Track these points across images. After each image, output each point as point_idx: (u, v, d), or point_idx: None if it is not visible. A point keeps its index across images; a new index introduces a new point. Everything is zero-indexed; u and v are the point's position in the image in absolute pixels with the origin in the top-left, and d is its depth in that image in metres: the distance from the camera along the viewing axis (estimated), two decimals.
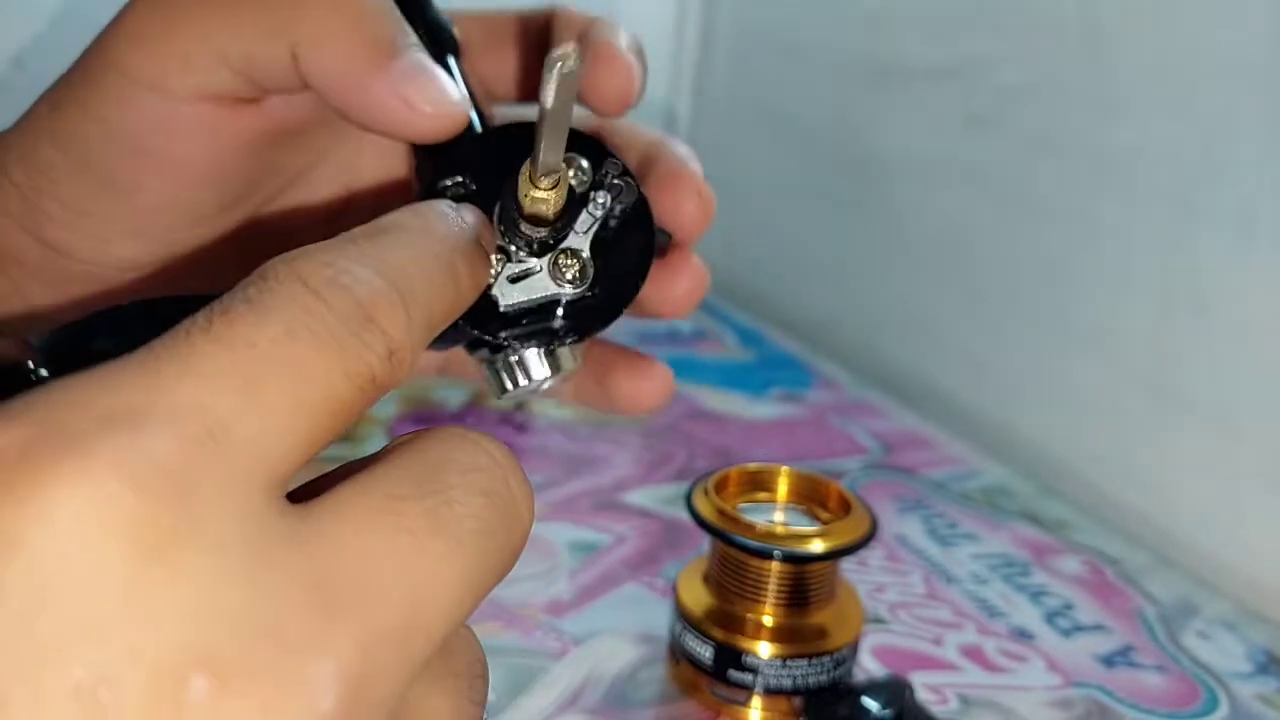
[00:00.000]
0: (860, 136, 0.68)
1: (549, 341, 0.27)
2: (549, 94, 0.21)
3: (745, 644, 0.36)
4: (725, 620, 0.36)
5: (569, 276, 0.26)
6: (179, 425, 0.16)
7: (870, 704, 0.34)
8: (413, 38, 0.28)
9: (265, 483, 0.16)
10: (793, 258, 0.76)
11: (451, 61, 0.30)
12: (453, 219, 0.22)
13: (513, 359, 0.27)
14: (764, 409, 0.60)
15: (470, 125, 0.29)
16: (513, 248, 0.26)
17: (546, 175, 0.24)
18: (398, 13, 0.28)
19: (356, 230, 0.20)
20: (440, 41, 0.30)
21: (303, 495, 0.18)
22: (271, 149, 0.30)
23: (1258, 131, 0.47)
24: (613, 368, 0.32)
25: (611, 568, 0.44)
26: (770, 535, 0.35)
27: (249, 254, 0.31)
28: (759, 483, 0.39)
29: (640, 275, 0.28)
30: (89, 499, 0.15)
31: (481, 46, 0.33)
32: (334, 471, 0.19)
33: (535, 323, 0.27)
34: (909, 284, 0.66)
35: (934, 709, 0.37)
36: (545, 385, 0.28)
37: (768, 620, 0.36)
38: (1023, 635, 0.42)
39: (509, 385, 0.28)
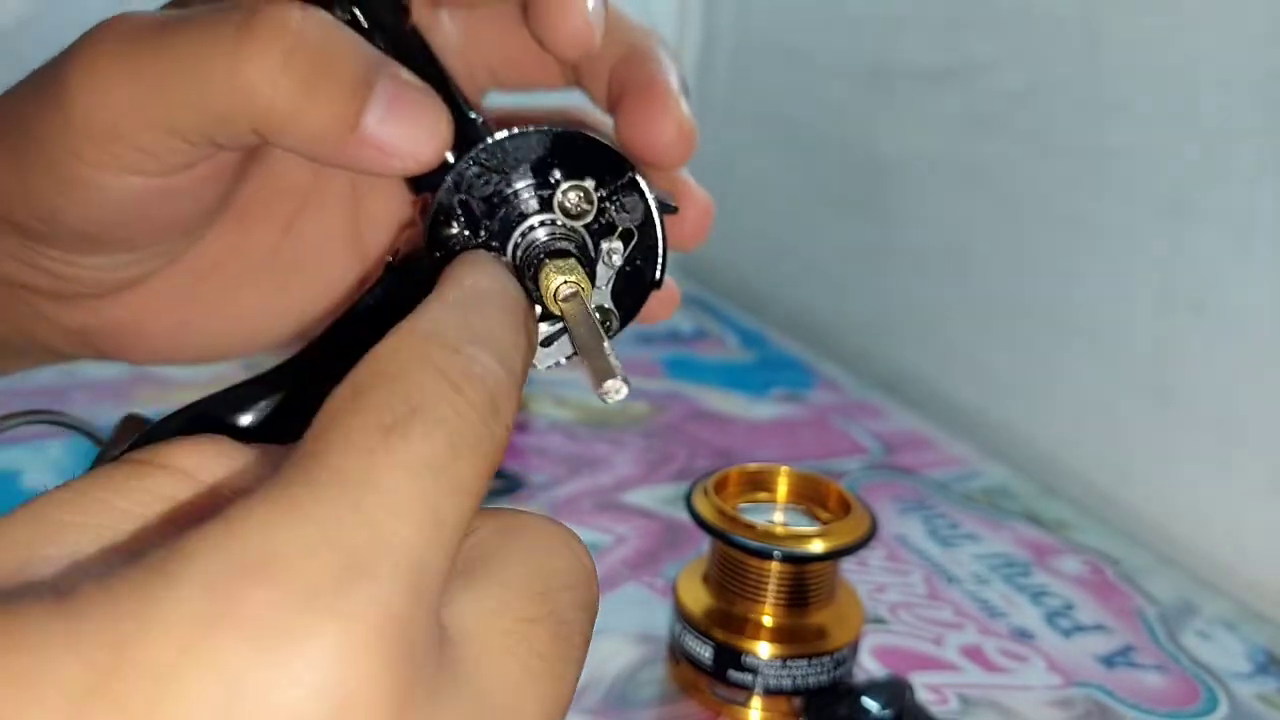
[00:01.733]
0: (861, 139, 0.68)
1: (568, 358, 0.27)
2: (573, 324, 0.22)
3: (745, 644, 0.36)
4: (725, 620, 0.36)
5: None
6: (401, 571, 0.16)
7: (870, 704, 0.34)
8: (366, 58, 0.24)
9: (437, 607, 0.17)
10: (794, 259, 0.76)
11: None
12: (509, 279, 0.22)
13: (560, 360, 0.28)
14: (765, 409, 0.60)
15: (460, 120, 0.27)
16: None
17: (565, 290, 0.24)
18: (346, 39, 0.25)
19: (454, 296, 0.20)
20: (402, 43, 0.27)
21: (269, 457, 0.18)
22: (242, 165, 0.29)
23: (1256, 133, 0.47)
24: (620, 116, 0.29)
25: (612, 568, 0.44)
26: (770, 535, 0.35)
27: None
28: (759, 483, 0.39)
29: (661, 267, 0.27)
30: (352, 661, 0.15)
31: (488, 32, 0.31)
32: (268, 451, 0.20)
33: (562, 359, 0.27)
34: (909, 285, 0.66)
35: (934, 709, 0.37)
36: (555, 367, 0.28)
37: (767, 620, 0.36)
38: (1023, 635, 0.42)
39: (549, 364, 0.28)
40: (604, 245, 0.26)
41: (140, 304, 0.30)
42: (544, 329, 0.26)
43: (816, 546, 0.35)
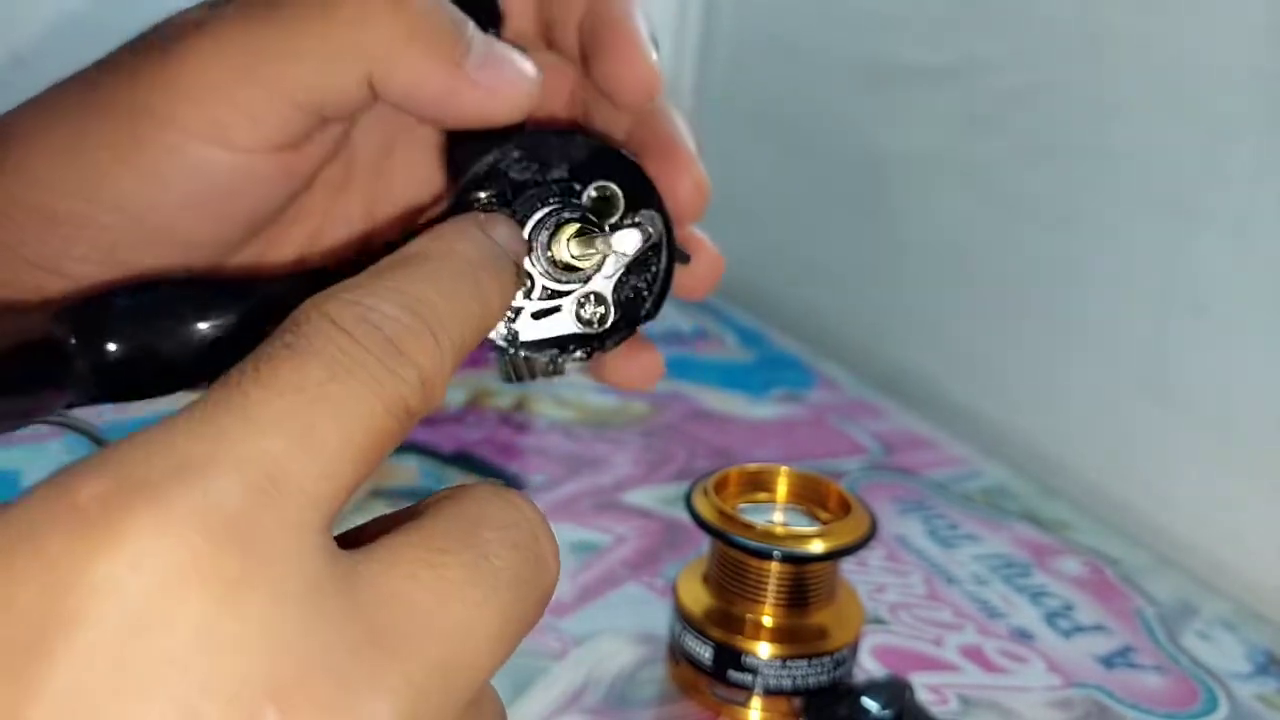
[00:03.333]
0: (861, 138, 0.68)
1: (560, 355, 0.27)
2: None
3: (745, 644, 0.36)
4: (725, 620, 0.36)
5: (590, 319, 0.27)
6: (244, 474, 0.17)
7: (870, 704, 0.34)
8: (468, 21, 0.27)
9: (321, 524, 0.18)
10: (793, 258, 0.76)
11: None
12: (478, 237, 0.23)
13: (524, 355, 0.28)
14: (764, 409, 0.60)
15: None
16: (537, 274, 0.26)
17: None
18: (448, 3, 0.27)
19: (383, 262, 0.21)
20: (483, 12, 0.29)
21: (347, 541, 0.19)
22: (311, 179, 0.29)
23: (1256, 134, 0.47)
24: None
25: (611, 568, 0.44)
26: (770, 535, 0.35)
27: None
28: (759, 483, 0.39)
29: (659, 299, 0.28)
30: (169, 546, 0.16)
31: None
32: (376, 521, 0.20)
33: (551, 341, 0.27)
34: (909, 285, 0.66)
35: (934, 709, 0.37)
36: (556, 378, 0.29)
37: (767, 621, 0.36)
38: (1023, 636, 0.42)
39: (521, 378, 0.28)
40: (620, 234, 0.27)
41: None
42: (538, 305, 0.26)
43: (816, 547, 0.35)
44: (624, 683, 0.38)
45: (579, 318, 0.27)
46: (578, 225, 0.26)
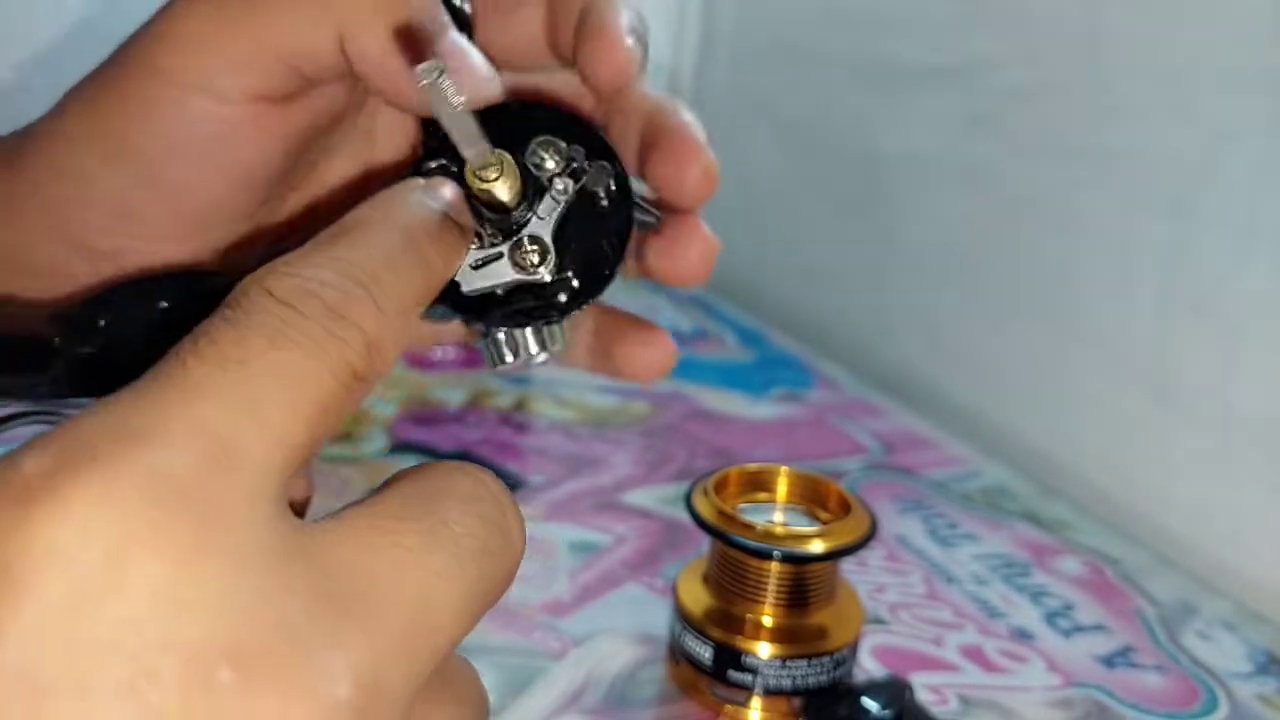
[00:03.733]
0: (861, 138, 0.68)
1: (527, 322, 0.27)
2: (433, 106, 0.23)
3: (745, 644, 0.36)
4: (725, 620, 0.36)
5: (529, 263, 0.27)
6: (191, 442, 0.17)
7: (870, 704, 0.34)
8: (445, 16, 0.28)
9: (274, 492, 0.18)
10: (793, 258, 0.76)
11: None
12: (416, 200, 0.23)
13: (501, 335, 0.28)
14: (764, 409, 0.60)
15: None
16: (486, 231, 0.26)
17: (484, 168, 0.25)
18: None
19: (322, 234, 0.21)
20: (455, 19, 0.30)
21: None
22: (306, 142, 0.30)
23: (1257, 135, 0.47)
24: (618, 335, 0.32)
25: (611, 568, 0.44)
26: (770, 535, 0.35)
27: (279, 243, 0.31)
28: (759, 483, 0.39)
29: (616, 255, 0.28)
30: (118, 514, 0.16)
31: (495, 13, 0.32)
32: (345, 506, 0.21)
33: (515, 304, 0.27)
34: (909, 284, 0.66)
35: (934, 709, 0.37)
36: (538, 360, 0.28)
37: (767, 621, 0.36)
38: (1023, 636, 0.42)
39: (500, 360, 0.28)
40: (557, 182, 0.27)
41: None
42: (476, 255, 0.26)
43: (816, 547, 0.35)
44: (624, 683, 0.38)
45: (516, 262, 0.26)
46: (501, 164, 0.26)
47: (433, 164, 0.27)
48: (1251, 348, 0.48)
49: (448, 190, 0.24)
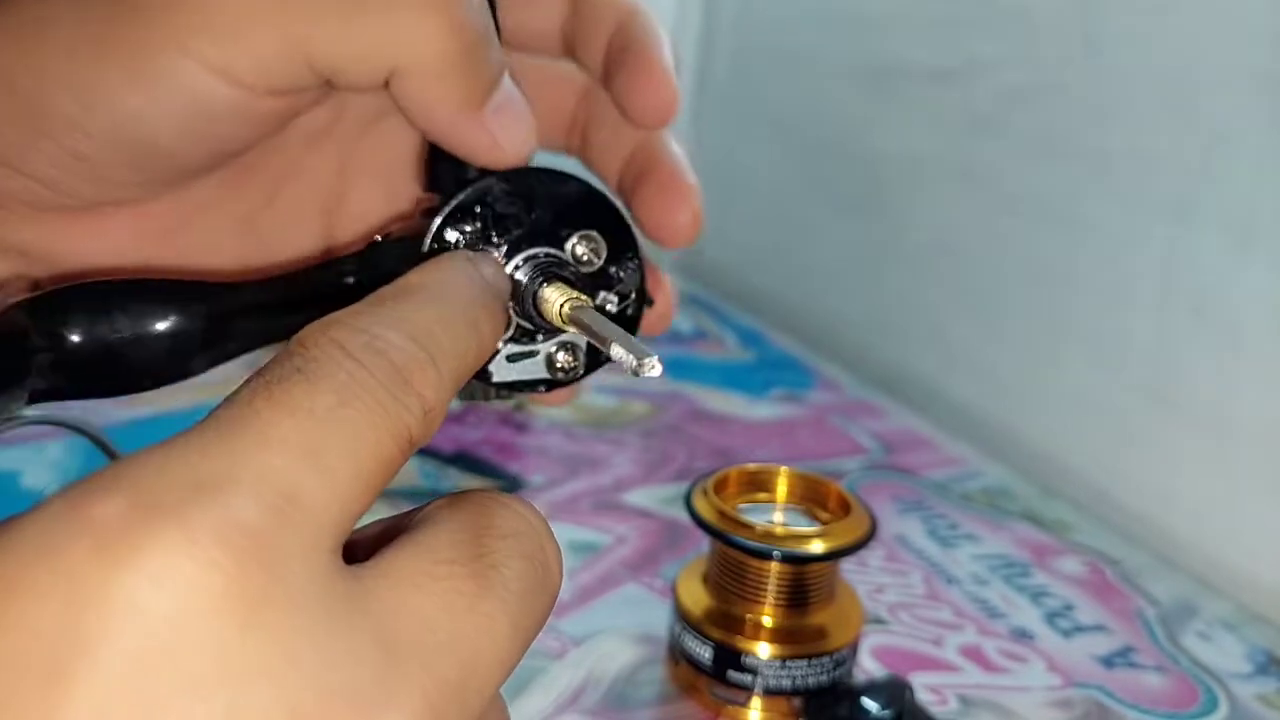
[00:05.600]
0: (861, 139, 0.68)
1: (530, 390, 0.28)
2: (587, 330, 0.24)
3: (744, 644, 0.36)
4: (725, 621, 0.36)
5: (563, 368, 0.27)
6: (261, 492, 0.17)
7: (870, 705, 0.34)
8: (500, 51, 0.27)
9: (332, 544, 0.18)
10: (793, 259, 0.76)
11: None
12: (471, 272, 0.24)
13: (493, 395, 0.28)
14: (764, 409, 0.60)
15: None
16: (512, 314, 0.26)
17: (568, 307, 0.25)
18: (493, 27, 0.27)
19: (384, 291, 0.22)
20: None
21: (350, 549, 0.19)
22: (286, 124, 0.29)
23: (1257, 135, 0.47)
24: (641, 198, 0.31)
25: (611, 568, 0.44)
26: (769, 536, 0.35)
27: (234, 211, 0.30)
28: (758, 483, 0.39)
29: (636, 321, 0.29)
30: (192, 564, 0.16)
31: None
32: (377, 526, 0.21)
33: (521, 385, 0.28)
34: (909, 285, 0.66)
35: (934, 709, 0.37)
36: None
37: (767, 621, 0.36)
38: (1023, 636, 0.42)
39: (469, 398, 0.29)
40: (601, 294, 0.27)
41: (99, 229, 0.28)
42: (513, 348, 0.27)
43: (816, 547, 0.35)
44: (623, 683, 0.38)
45: (551, 366, 0.27)
46: (566, 285, 0.26)
47: (466, 228, 0.26)
48: (1251, 348, 0.48)
49: (492, 267, 0.25)
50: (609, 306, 0.27)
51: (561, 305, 0.25)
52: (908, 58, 0.64)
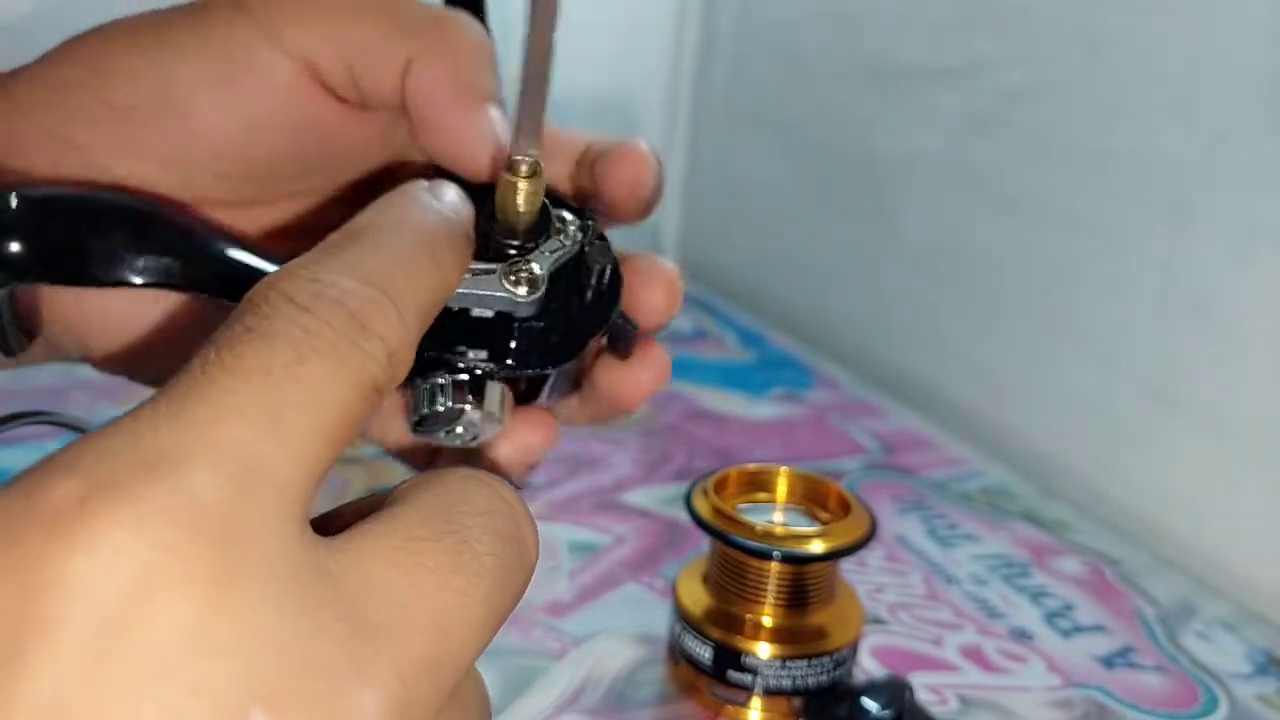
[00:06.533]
0: (860, 138, 0.68)
1: (470, 373, 0.26)
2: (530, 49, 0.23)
3: (744, 644, 0.36)
4: (724, 621, 0.36)
5: (520, 284, 0.26)
6: (219, 465, 0.16)
7: (870, 704, 0.34)
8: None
9: (300, 514, 0.17)
10: (793, 258, 0.76)
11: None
12: (426, 201, 0.23)
13: (439, 381, 0.26)
14: (764, 409, 0.60)
15: None
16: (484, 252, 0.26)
17: (526, 160, 0.25)
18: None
19: (333, 237, 0.21)
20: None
21: (323, 525, 0.19)
22: (329, 145, 0.30)
23: (1258, 136, 0.47)
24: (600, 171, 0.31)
25: (611, 568, 0.44)
26: (769, 536, 0.35)
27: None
28: (758, 483, 0.39)
29: (586, 334, 0.27)
30: (147, 545, 0.16)
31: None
32: (353, 505, 0.20)
33: (472, 344, 0.26)
34: (909, 285, 0.66)
35: (934, 709, 0.37)
36: (466, 423, 0.27)
37: (767, 621, 0.36)
38: (1022, 636, 0.42)
39: (424, 408, 0.27)
40: (569, 227, 0.27)
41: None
42: (473, 265, 0.25)
43: (816, 547, 0.35)
44: (623, 683, 0.38)
45: (505, 281, 0.26)
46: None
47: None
48: (1251, 348, 0.48)
49: (453, 193, 0.24)
50: (571, 229, 0.27)
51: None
52: (908, 58, 0.64)
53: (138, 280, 0.26)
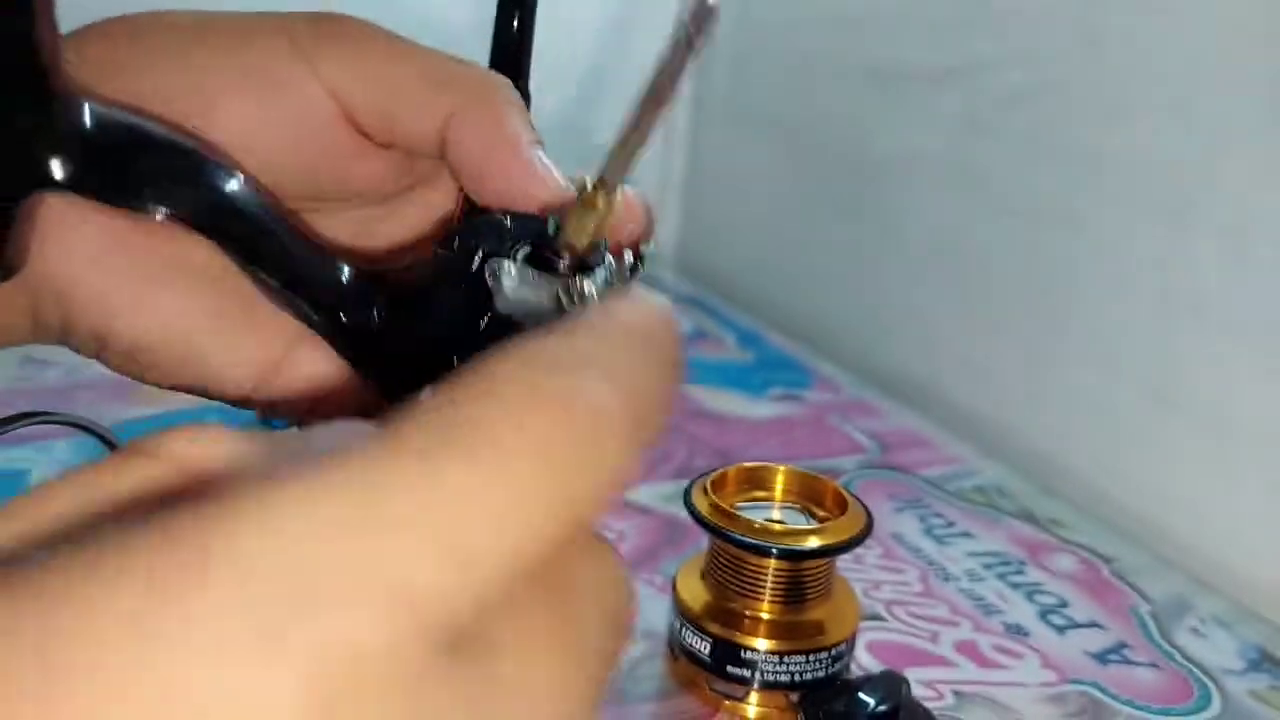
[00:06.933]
0: (859, 139, 0.69)
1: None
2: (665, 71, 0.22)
3: (743, 639, 0.36)
4: (723, 616, 0.37)
5: (574, 302, 0.26)
6: (394, 606, 0.13)
7: (866, 699, 0.35)
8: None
9: (454, 641, 0.14)
10: (792, 259, 0.76)
11: None
12: (666, 314, 0.20)
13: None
14: (763, 409, 0.60)
15: None
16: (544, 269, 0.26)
17: (611, 186, 0.24)
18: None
19: (576, 325, 0.18)
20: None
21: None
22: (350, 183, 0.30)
23: (1255, 136, 0.48)
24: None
25: None
26: (767, 533, 0.36)
27: None
28: (757, 481, 0.39)
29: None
30: (276, 688, 0.13)
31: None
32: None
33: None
34: (907, 285, 0.67)
35: (929, 704, 0.38)
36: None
37: (765, 616, 0.36)
38: (1017, 632, 0.43)
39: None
40: (621, 262, 0.27)
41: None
42: (531, 270, 0.26)
43: (813, 543, 0.36)
44: (623, 678, 0.38)
45: (561, 294, 0.26)
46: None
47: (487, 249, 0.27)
48: (1248, 348, 0.49)
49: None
50: (625, 260, 0.27)
51: (587, 180, 0.25)
52: (907, 59, 0.65)
53: (163, 211, 0.26)
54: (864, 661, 0.40)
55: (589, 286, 0.26)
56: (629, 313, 0.19)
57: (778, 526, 0.36)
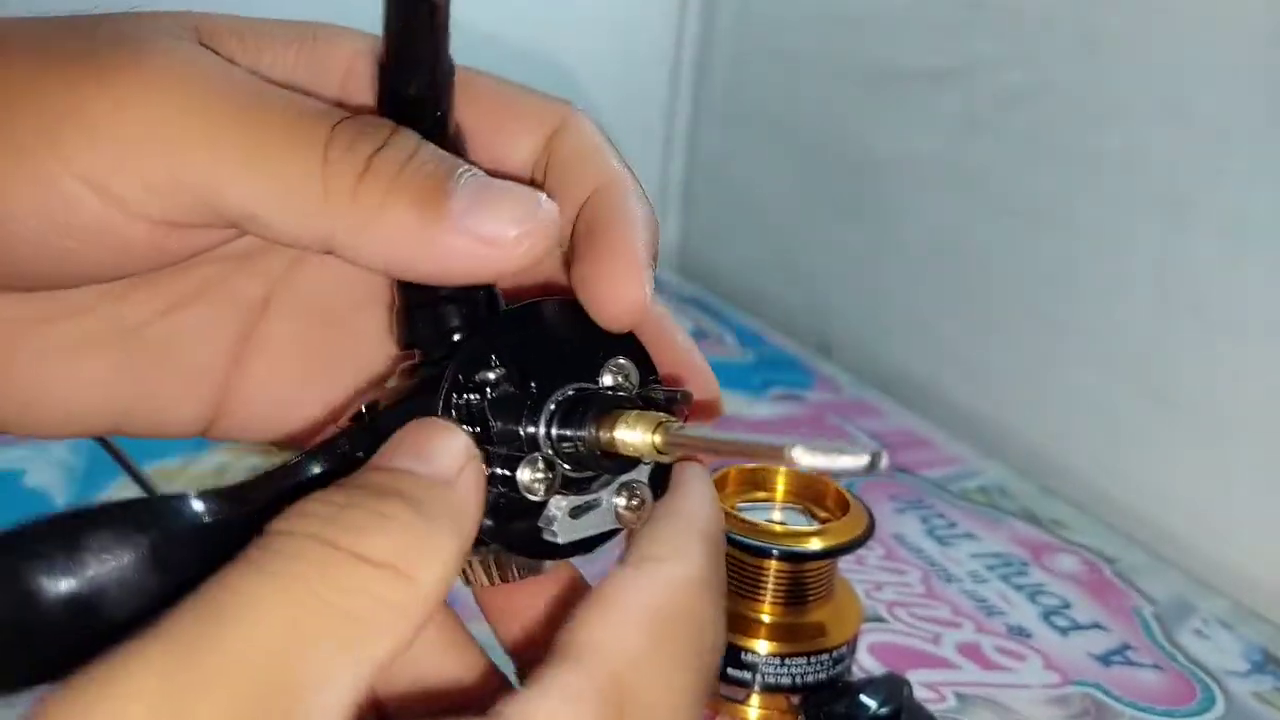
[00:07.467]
0: (858, 140, 0.69)
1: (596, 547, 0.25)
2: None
3: (744, 641, 0.36)
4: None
5: (631, 509, 0.24)
6: None
7: (868, 701, 0.35)
8: (446, 156, 0.22)
9: None
10: (792, 259, 0.76)
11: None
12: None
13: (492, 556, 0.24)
14: (763, 409, 0.60)
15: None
16: (561, 462, 0.23)
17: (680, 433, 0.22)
18: (416, 136, 0.22)
19: (651, 615, 0.22)
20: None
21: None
22: (177, 260, 0.24)
23: (1253, 136, 0.48)
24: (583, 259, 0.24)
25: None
26: (768, 534, 0.36)
27: None
28: (757, 482, 0.39)
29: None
30: None
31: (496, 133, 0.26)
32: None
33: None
34: (907, 286, 0.67)
35: (932, 707, 0.38)
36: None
37: (766, 618, 0.36)
38: (1020, 633, 0.42)
39: (484, 580, 0.25)
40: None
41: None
42: (573, 500, 0.23)
43: (814, 545, 0.35)
44: None
45: (620, 512, 0.24)
46: (637, 411, 0.22)
47: (491, 375, 0.22)
48: (1247, 347, 0.48)
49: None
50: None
51: (654, 434, 0.22)
52: (906, 59, 0.65)
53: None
54: (866, 663, 0.40)
55: (648, 489, 0.24)
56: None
57: (779, 528, 0.36)
